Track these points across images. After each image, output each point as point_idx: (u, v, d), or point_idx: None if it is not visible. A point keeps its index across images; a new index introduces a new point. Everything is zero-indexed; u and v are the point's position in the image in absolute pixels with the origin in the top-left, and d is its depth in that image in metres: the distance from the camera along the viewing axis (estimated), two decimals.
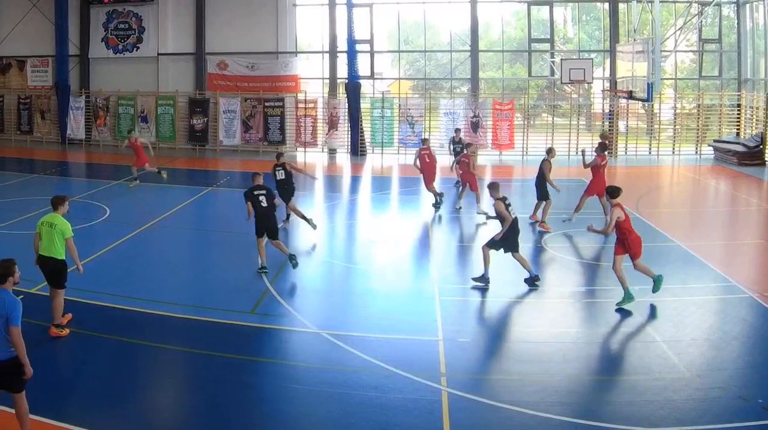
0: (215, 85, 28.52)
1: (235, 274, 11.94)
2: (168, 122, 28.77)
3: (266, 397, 7.38)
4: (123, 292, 10.75)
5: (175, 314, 9.87)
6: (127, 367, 8.14)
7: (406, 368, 7.92)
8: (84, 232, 14.64)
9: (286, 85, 27.82)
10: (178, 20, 28.80)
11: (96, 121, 29.70)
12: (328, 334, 9.04)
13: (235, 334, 9.17)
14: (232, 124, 28.07)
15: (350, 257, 13.71)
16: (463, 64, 27.60)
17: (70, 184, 22.16)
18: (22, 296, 8.86)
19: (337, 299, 10.94)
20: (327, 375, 7.90)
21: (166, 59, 29.05)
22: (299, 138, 27.51)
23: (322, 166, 25.82)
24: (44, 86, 30.43)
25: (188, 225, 16.49)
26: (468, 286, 11.09)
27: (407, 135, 26.66)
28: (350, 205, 18.96)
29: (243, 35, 28.06)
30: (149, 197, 19.35)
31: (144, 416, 7.05)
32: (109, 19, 29.77)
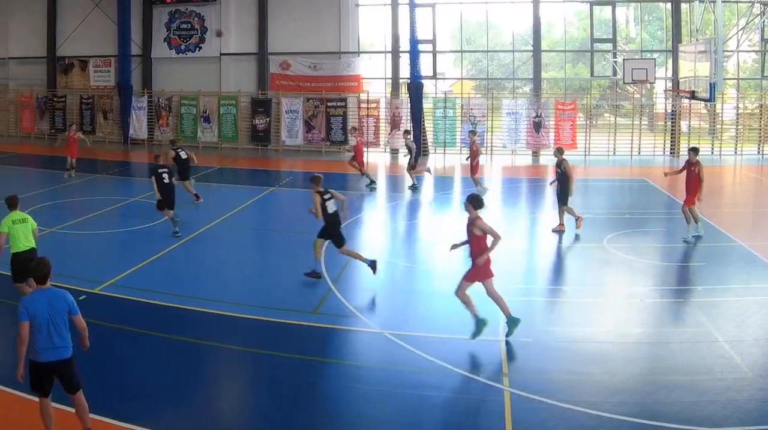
0: (278, 85, 31.91)
1: (298, 274, 12.87)
2: (230, 122, 32.17)
3: (328, 397, 8.08)
4: (185, 292, 11.77)
5: (237, 314, 10.79)
6: (189, 367, 8.92)
7: (468, 368, 8.75)
8: (146, 232, 16.51)
9: (348, 85, 31.07)
10: (241, 20, 32.24)
11: (158, 121, 33.25)
12: (390, 334, 9.89)
13: (298, 334, 10.05)
14: (294, 124, 31.36)
15: (412, 257, 15.07)
16: (526, 64, 30.55)
17: (132, 184, 24.80)
18: (84, 296, 11.01)
19: (399, 299, 11.96)
20: (389, 375, 8.70)
21: (228, 59, 32.55)
22: (362, 138, 30.59)
23: (384, 166, 28.86)
24: (107, 86, 34.20)
25: (251, 225, 18.13)
26: (529, 286, 12.33)
27: (469, 135, 29.63)
28: (412, 206, 20.62)
29: (305, 35, 31.35)
30: (212, 197, 21.21)
31: (206, 416, 7.78)
32: (171, 19, 33.41)
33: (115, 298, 11.61)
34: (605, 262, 13.74)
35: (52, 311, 6.60)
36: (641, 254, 14.09)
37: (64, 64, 35.20)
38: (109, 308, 11.03)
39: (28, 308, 6.53)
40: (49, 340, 6.58)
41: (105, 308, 11.01)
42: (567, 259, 13.95)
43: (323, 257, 12.76)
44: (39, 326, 6.53)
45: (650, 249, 14.41)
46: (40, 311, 6.56)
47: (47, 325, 6.55)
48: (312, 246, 12.47)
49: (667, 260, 13.67)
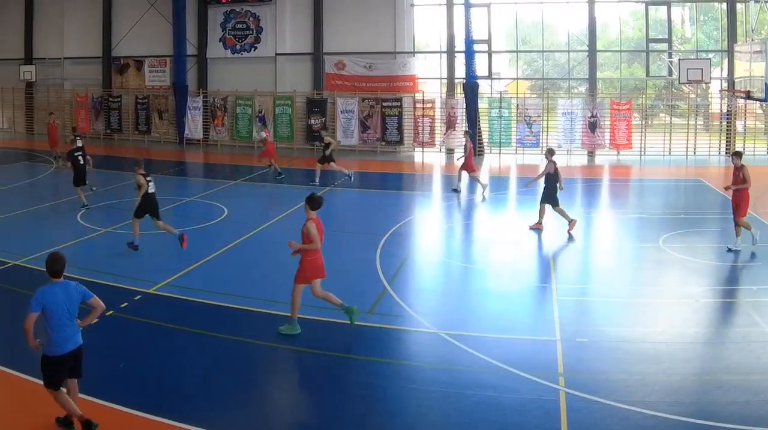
0: (333, 85, 35.36)
1: (353, 274, 14.15)
2: (286, 122, 35.79)
3: (383, 397, 8.73)
4: (240, 292, 12.79)
5: (290, 313, 11.48)
6: (245, 367, 9.73)
7: (524, 368, 9.32)
8: (202, 232, 17.94)
9: (403, 85, 34.33)
10: (296, 20, 35.80)
11: (213, 121, 36.95)
12: (445, 334, 10.71)
13: (353, 334, 10.85)
14: (350, 124, 34.79)
15: (467, 256, 16.39)
16: (581, 64, 33.62)
17: (187, 184, 27.19)
18: (140, 296, 12.48)
19: (454, 299, 12.98)
20: (444, 375, 9.36)
21: (283, 59, 36.14)
22: (417, 138, 33.96)
23: (439, 166, 31.87)
24: (162, 86, 38.03)
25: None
26: (584, 286, 13.49)
27: (525, 135, 32.84)
28: (467, 205, 22.23)
29: (360, 35, 34.69)
30: (267, 197, 23.14)
31: (261, 416, 8.46)
32: (226, 19, 37.09)
33: (171, 298, 12.65)
34: (660, 262, 14.82)
35: (68, 303, 7.37)
36: (696, 254, 15.17)
37: (119, 64, 39.15)
38: (164, 308, 12.17)
39: (44, 300, 7.24)
40: (69, 331, 7.40)
41: (160, 308, 12.16)
42: (622, 259, 15.33)
43: (379, 258, 14.73)
44: (58, 318, 7.30)
45: (705, 249, 15.51)
46: (57, 303, 7.29)
47: (65, 316, 7.34)
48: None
49: (722, 260, 14.67)
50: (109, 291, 12.62)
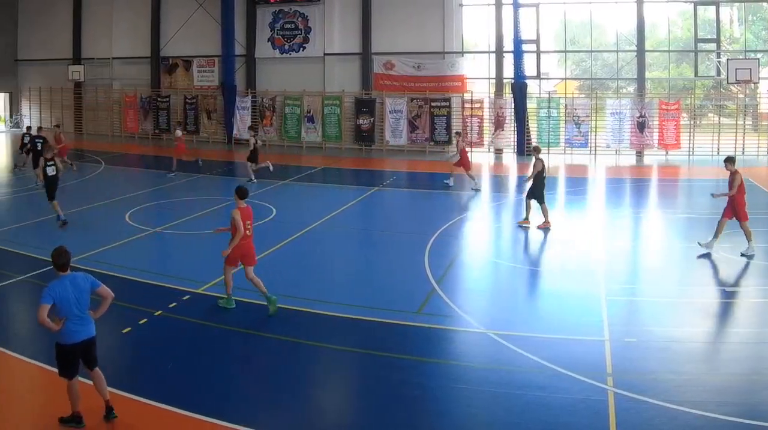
0: (381, 85, 38.76)
1: (401, 274, 15.35)
2: (334, 122, 39.21)
3: (433, 397, 9.33)
4: (289, 292, 13.59)
5: (341, 314, 12.59)
6: (292, 366, 10.38)
7: (573, 368, 9.89)
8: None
9: (452, 85, 37.58)
10: (345, 20, 39.24)
11: (262, 121, 40.56)
12: (494, 334, 11.46)
13: (402, 334, 11.70)
14: (398, 124, 38.13)
15: (516, 256, 17.59)
16: (630, 64, 36.52)
17: (235, 184, 29.43)
18: (188, 296, 13.45)
19: (503, 299, 13.99)
20: (493, 375, 9.97)
21: (332, 59, 39.60)
22: (465, 138, 36.59)
23: (488, 166, 33.87)
24: (210, 86, 41.80)
25: (354, 225, 21.03)
26: (632, 286, 14.37)
27: (573, 135, 35.81)
28: (516, 205, 23.43)
29: (409, 35, 37.96)
30: (315, 197, 24.82)
31: (310, 416, 9.07)
32: (275, 19, 40.74)
33: (219, 298, 13.43)
34: (709, 261, 15.84)
35: (77, 293, 8.23)
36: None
37: (167, 64, 43.02)
38: (212, 307, 13.07)
39: (55, 292, 8.12)
40: (78, 321, 8.26)
41: (208, 307, 13.10)
42: (671, 259, 16.45)
43: (428, 258, 16.12)
44: (68, 309, 8.18)
45: (754, 249, 16.08)
46: (66, 295, 8.15)
47: (75, 307, 8.21)
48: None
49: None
50: (157, 291, 14.17)
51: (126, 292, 13.39)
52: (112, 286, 8.95)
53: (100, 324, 9.07)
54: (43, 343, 10.45)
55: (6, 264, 16.17)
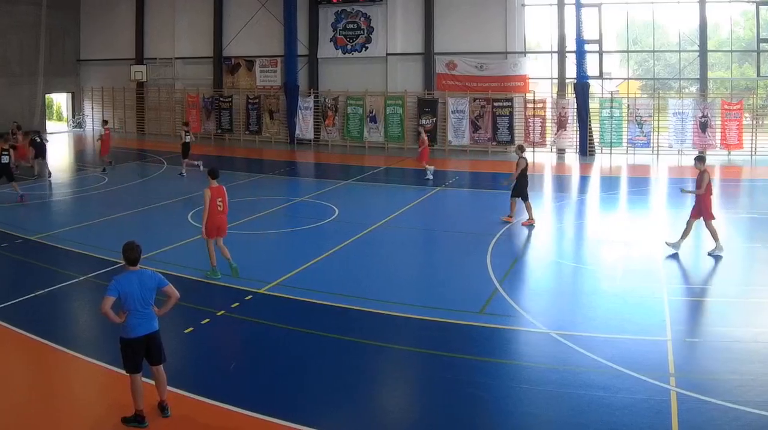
0: (444, 85, 42.94)
1: (464, 274, 16.87)
2: (397, 122, 43.53)
3: (495, 396, 10.29)
4: (351, 292, 15.08)
5: (403, 313, 13.85)
6: (355, 366, 11.51)
7: (635, 368, 10.89)
8: (313, 232, 21.17)
9: (514, 85, 41.48)
10: (407, 20, 43.55)
11: (324, 121, 45.17)
12: (556, 334, 12.53)
13: (464, 334, 12.86)
14: (460, 124, 42.18)
15: (578, 257, 19.03)
16: (692, 64, 38.94)
17: (298, 184, 32.13)
18: (250, 296, 14.91)
19: (565, 299, 15.13)
20: (555, 375, 10.94)
21: (394, 59, 44.04)
22: (528, 138, 40.73)
23: (550, 166, 36.49)
24: (273, 86, 46.72)
25: (417, 225, 22.67)
26: (693, 286, 15.70)
27: (636, 135, 39.20)
28: (578, 205, 25.66)
29: (471, 35, 42.01)
30: (378, 197, 26.82)
31: (372, 416, 10.04)
32: (337, 19, 45.34)
33: (281, 298, 14.92)
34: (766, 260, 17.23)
35: (142, 290, 9.20)
36: None
37: (230, 64, 48.15)
38: (274, 307, 14.45)
39: (120, 286, 9.12)
40: (140, 316, 9.25)
41: (270, 307, 14.47)
42: (733, 259, 17.53)
43: (490, 258, 17.81)
44: (132, 304, 9.17)
45: None
46: (131, 290, 9.13)
47: (139, 302, 9.20)
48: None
49: None
50: (220, 291, 15.64)
51: (188, 292, 14.51)
52: (174, 285, 9.90)
53: (163, 324, 10.15)
54: (105, 343, 12.01)
55: (69, 264, 18.12)
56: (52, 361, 12.25)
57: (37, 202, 26.43)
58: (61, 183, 31.47)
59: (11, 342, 13.09)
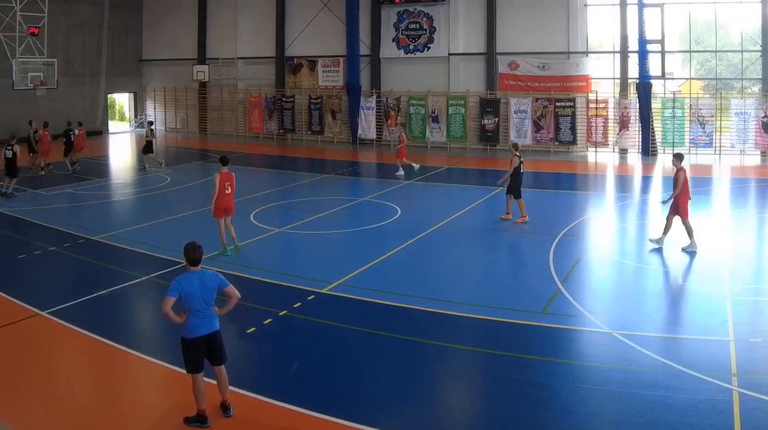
0: (506, 85, 47.18)
1: (526, 274, 18.49)
2: (459, 122, 47.95)
3: (557, 397, 11.29)
4: (413, 292, 16.44)
5: (466, 313, 15.08)
6: (416, 366, 12.65)
7: (697, 368, 11.88)
8: (375, 232, 22.82)
9: (576, 86, 45.32)
10: (469, 20, 47.86)
11: (387, 121, 49.96)
12: (618, 334, 13.69)
13: (526, 334, 14.09)
14: (523, 124, 46.24)
15: (641, 256, 20.06)
16: (754, 64, 41.11)
17: (360, 184, 34.64)
18: (313, 296, 16.34)
19: (627, 299, 16.35)
20: (617, 375, 12.02)
21: (456, 59, 48.57)
22: (590, 138, 44.83)
23: (613, 166, 39.75)
24: (335, 86, 51.78)
25: (478, 225, 24.25)
26: (757, 286, 16.55)
27: (698, 135, 41.72)
28: (641, 206, 27.52)
29: (534, 35, 45.88)
30: (440, 198, 28.64)
31: (434, 417, 11.06)
32: (399, 19, 50.13)
33: (343, 298, 16.06)
34: None
35: (203, 290, 10.21)
36: None
37: (292, 64, 53.57)
38: (336, 307, 15.62)
39: (181, 286, 10.12)
40: (202, 316, 10.26)
41: (333, 308, 15.66)
42: None
43: (552, 258, 19.21)
44: (193, 304, 10.18)
45: None
46: (192, 290, 10.13)
47: (200, 303, 10.19)
48: None
49: None
50: (282, 291, 16.90)
51: (250, 292, 15.75)
52: (236, 286, 10.75)
53: (224, 324, 11.03)
54: (167, 343, 12.82)
55: (131, 264, 19.65)
56: (114, 361, 13.44)
57: (99, 203, 29.34)
58: (123, 183, 35.14)
59: (74, 342, 14.37)
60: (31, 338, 14.47)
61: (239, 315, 14.42)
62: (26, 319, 15.47)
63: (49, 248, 21.52)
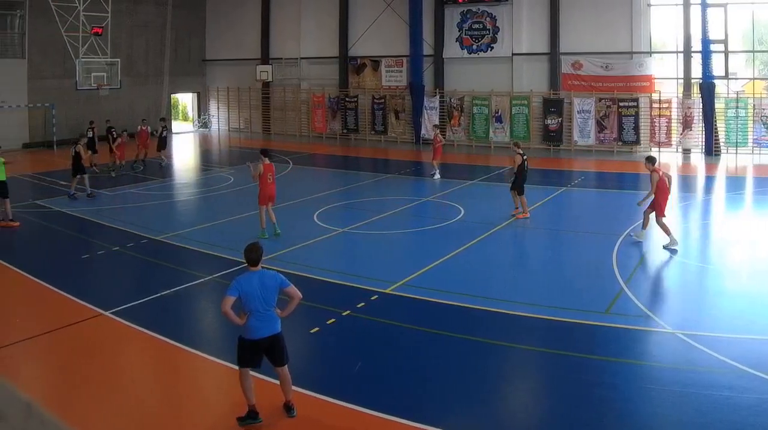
0: (569, 85, 51.28)
1: (589, 274, 19.41)
2: (522, 122, 52.42)
3: (622, 397, 12.12)
4: (477, 292, 17.53)
5: (529, 314, 16.22)
6: (480, 367, 13.50)
7: (761, 368, 12.71)
8: (438, 231, 24.65)
9: (640, 86, 48.06)
10: (532, 20, 52.14)
11: (450, 121, 54.78)
12: (682, 334, 14.64)
13: (590, 334, 15.05)
14: (586, 124, 50.43)
15: (704, 256, 21.67)
16: None
17: (423, 184, 36.57)
18: (376, 296, 17.50)
19: (691, 299, 17.60)
20: (681, 375, 12.86)
21: (520, 59, 53.05)
22: (653, 138, 47.62)
23: (676, 166, 41.81)
24: (398, 86, 57.04)
25: (542, 225, 25.85)
26: None
27: (762, 135, 43.93)
28: (704, 206, 29.59)
29: (597, 35, 49.71)
30: (503, 198, 29.06)
31: (499, 417, 11.96)
32: (463, 19, 54.94)
33: (407, 298, 17.25)
34: None
35: (263, 291, 11.05)
36: None
37: (355, 64, 58.93)
38: (400, 307, 16.76)
39: (240, 286, 11.01)
40: (262, 318, 11.08)
41: (396, 307, 16.78)
42: None
43: (615, 258, 20.62)
44: (253, 304, 11.05)
45: None
46: (252, 290, 11.01)
47: (260, 303, 11.03)
48: None
49: None
50: (346, 291, 18.05)
51: (314, 292, 16.91)
52: (299, 286, 11.51)
53: (288, 323, 11.87)
54: (229, 343, 12.92)
55: (194, 264, 20.75)
56: (177, 360, 14.39)
57: (162, 203, 31.94)
58: (186, 183, 38.45)
59: (138, 341, 15.43)
60: (94, 338, 15.63)
61: (303, 315, 15.56)
62: (90, 319, 16.63)
63: (112, 248, 23.26)
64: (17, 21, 52.24)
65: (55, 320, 16.59)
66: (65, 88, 51.33)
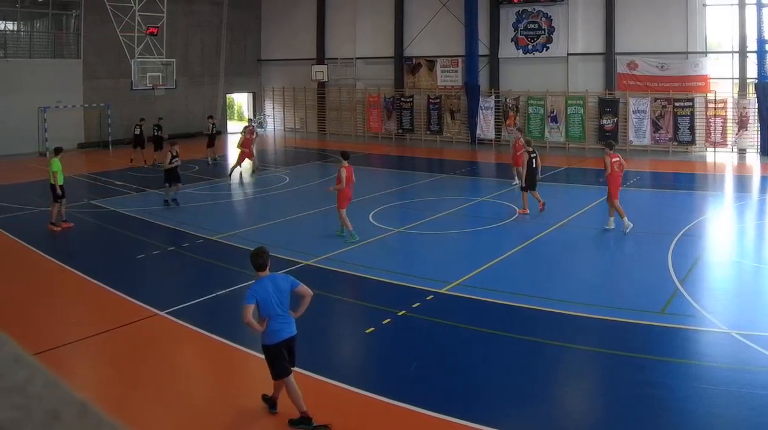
0: (625, 85, 54.52)
1: (644, 274, 20.53)
2: (577, 122, 56.15)
3: (676, 397, 12.80)
4: (532, 292, 18.63)
5: (584, 314, 17.10)
6: (535, 366, 14.39)
7: None
8: (494, 232, 26.23)
9: (695, 85, 49.96)
10: (588, 20, 55.73)
11: (505, 121, 58.94)
12: (737, 334, 15.46)
13: (645, 334, 15.94)
14: (641, 124, 53.93)
15: (760, 257, 22.81)
16: None
17: (479, 184, 39.46)
18: (432, 296, 18.51)
19: (747, 299, 18.44)
20: (736, 375, 13.61)
21: (575, 59, 57.10)
22: (709, 138, 49.66)
23: (731, 166, 44.90)
24: (453, 86, 61.64)
25: (597, 225, 26.94)
26: None
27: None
28: (760, 206, 31.06)
29: (652, 35, 50.75)
30: (558, 198, 31.15)
31: (554, 416, 12.63)
32: (518, 19, 59.17)
33: (463, 298, 18.24)
34: None
35: (278, 294, 11.97)
36: None
37: (411, 64, 63.75)
38: (456, 307, 17.77)
39: (256, 293, 11.84)
40: (281, 320, 12.01)
41: (452, 308, 17.86)
42: None
43: (671, 258, 21.76)
44: (271, 309, 11.91)
45: None
46: (268, 295, 11.87)
47: (278, 306, 11.97)
48: None
49: None
50: (401, 291, 19.13)
51: (369, 292, 18.25)
52: (355, 286, 12.96)
53: (344, 324, 13.77)
54: None
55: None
56: (233, 360, 15.22)
57: (218, 203, 34.01)
58: (241, 183, 40.86)
59: (193, 342, 16.25)
60: (149, 338, 16.55)
61: (359, 315, 17.10)
62: (145, 319, 17.60)
63: (167, 248, 24.90)
64: (73, 21, 56.24)
65: (111, 320, 17.70)
66: (120, 88, 55.14)
